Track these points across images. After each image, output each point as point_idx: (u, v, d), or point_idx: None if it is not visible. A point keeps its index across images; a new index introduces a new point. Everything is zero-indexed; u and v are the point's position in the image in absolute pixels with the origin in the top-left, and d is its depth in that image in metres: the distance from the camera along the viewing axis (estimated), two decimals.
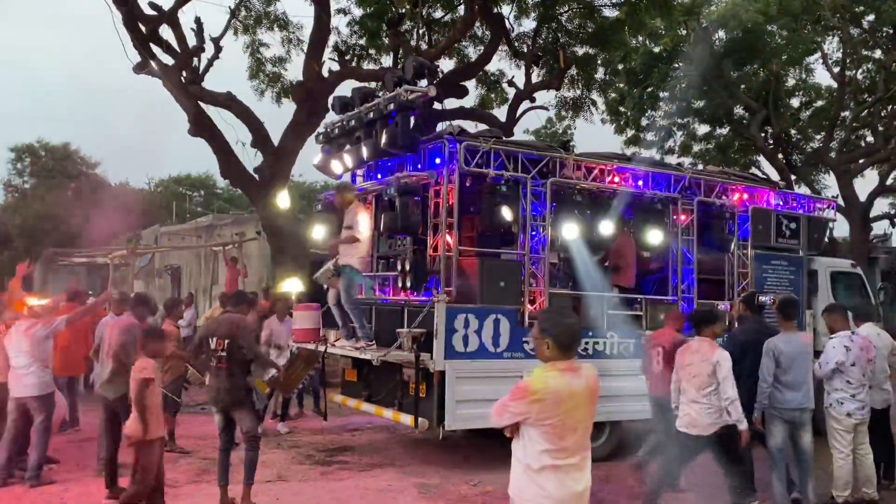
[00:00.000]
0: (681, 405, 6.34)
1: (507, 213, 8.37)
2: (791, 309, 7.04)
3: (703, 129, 24.74)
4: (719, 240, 9.95)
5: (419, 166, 8.62)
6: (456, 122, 12.58)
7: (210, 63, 13.93)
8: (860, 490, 6.99)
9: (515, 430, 3.55)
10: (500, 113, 17.10)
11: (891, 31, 20.05)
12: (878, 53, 20.92)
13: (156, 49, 12.93)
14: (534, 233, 8.57)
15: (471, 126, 13.17)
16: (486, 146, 8.19)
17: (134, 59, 12.59)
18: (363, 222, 8.27)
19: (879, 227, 23.57)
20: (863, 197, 20.85)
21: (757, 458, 7.04)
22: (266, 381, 6.95)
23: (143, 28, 12.60)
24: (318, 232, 9.93)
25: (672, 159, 22.11)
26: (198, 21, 13.57)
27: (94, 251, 24.05)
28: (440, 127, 10.63)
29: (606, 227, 9.11)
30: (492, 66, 17.42)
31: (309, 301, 9.75)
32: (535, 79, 16.63)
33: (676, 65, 22.17)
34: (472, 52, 17.24)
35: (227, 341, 6.41)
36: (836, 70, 21.13)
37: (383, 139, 8.12)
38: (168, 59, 13.09)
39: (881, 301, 15.58)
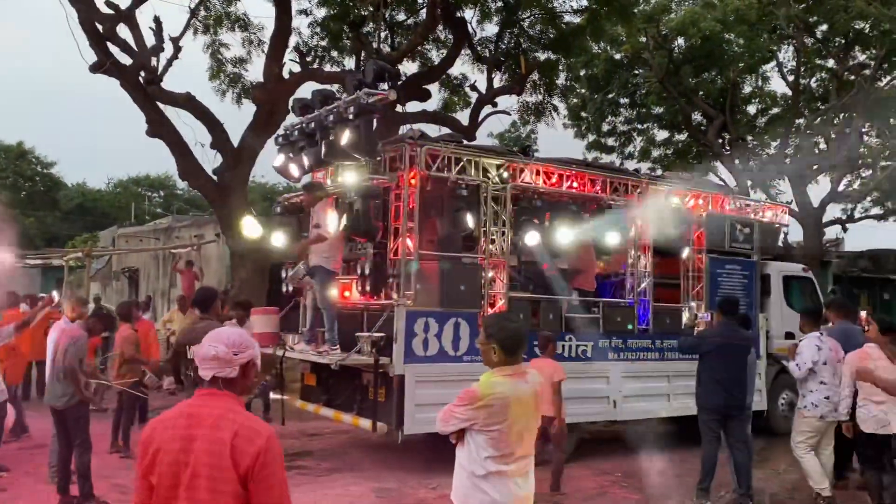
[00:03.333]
0: (863, 407, 6.60)
1: (467, 217, 8.43)
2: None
3: (662, 134, 25.18)
4: (675, 245, 10.14)
5: (380, 169, 8.62)
6: (418, 126, 12.62)
7: (169, 63, 13.71)
8: (825, 477, 7.15)
9: (460, 437, 3.55)
10: (463, 117, 17.18)
11: (843, 41, 20.61)
12: (831, 63, 21.48)
13: (114, 48, 12.70)
14: (494, 237, 8.63)
15: (434, 129, 13.19)
16: (446, 150, 8.22)
17: (90, 58, 12.36)
18: (332, 222, 8.22)
19: (832, 233, 24.22)
20: (816, 203, 21.36)
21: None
22: None
23: (99, 27, 12.36)
24: (278, 236, 9.83)
25: (632, 164, 22.39)
26: (157, 21, 13.36)
27: (50, 253, 23.53)
28: (403, 131, 10.64)
29: (566, 232, 9.21)
30: (455, 70, 17.50)
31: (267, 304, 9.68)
32: (496, 83, 16.73)
33: (637, 71, 22.55)
34: (436, 56, 17.27)
35: None
36: (791, 78, 21.66)
37: (344, 142, 8.10)
38: (126, 59, 12.86)
39: None
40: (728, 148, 22.61)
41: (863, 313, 13.58)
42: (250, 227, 10.20)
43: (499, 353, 3.53)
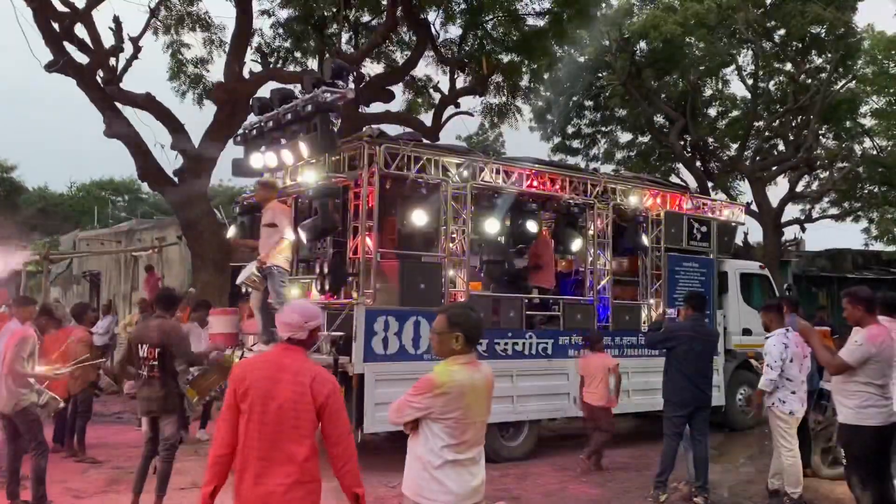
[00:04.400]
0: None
1: (427, 215, 8.45)
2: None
3: (625, 136, 25.47)
4: (633, 243, 10.26)
5: (338, 168, 8.60)
6: (379, 126, 12.61)
7: (129, 63, 13.53)
8: (801, 483, 6.97)
9: (414, 428, 3.58)
10: (428, 119, 17.19)
11: (800, 45, 21.06)
12: (788, 66, 21.93)
13: (70, 48, 12.51)
14: (454, 235, 8.66)
15: (397, 130, 13.19)
16: (405, 149, 8.23)
17: (43, 57, 12.16)
18: (286, 221, 8.16)
19: (790, 233, 24.68)
20: (775, 203, 21.78)
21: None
22: (187, 385, 6.79)
23: (55, 26, 12.16)
24: (236, 234, 9.77)
25: (596, 166, 22.61)
26: (116, 20, 13.19)
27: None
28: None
29: (525, 230, 9.28)
30: (420, 72, 17.54)
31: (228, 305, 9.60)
32: (459, 84, 16.79)
33: (600, 74, 22.78)
34: (400, 57, 17.28)
35: (158, 350, 6.24)
36: (750, 81, 22.08)
37: (301, 140, 8.06)
38: (83, 58, 12.67)
39: None
40: (689, 150, 22.95)
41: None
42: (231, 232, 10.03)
43: (461, 342, 3.56)
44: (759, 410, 7.18)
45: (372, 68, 16.67)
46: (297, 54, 16.92)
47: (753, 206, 21.02)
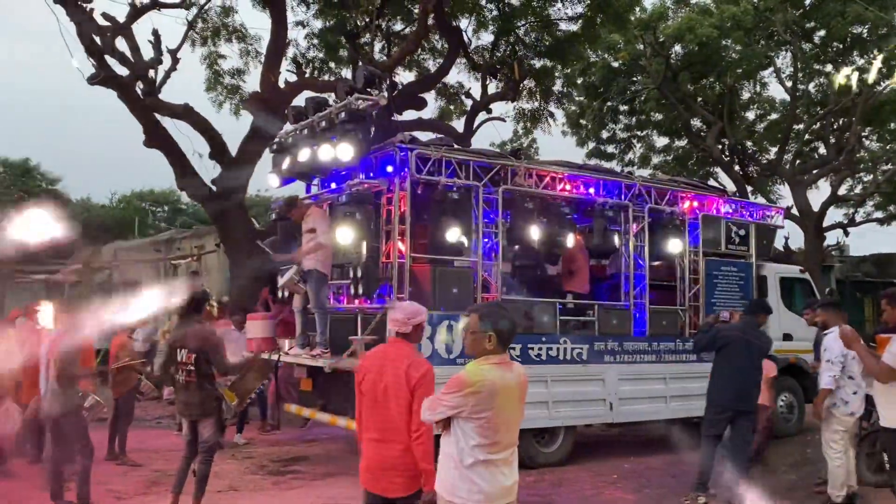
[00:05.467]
0: None
1: (459, 220, 8.45)
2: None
3: (661, 141, 25.19)
4: (670, 246, 10.12)
5: (371, 174, 8.65)
6: (412, 132, 12.66)
7: (167, 75, 13.84)
8: (845, 486, 6.87)
9: (447, 426, 3.58)
10: (460, 125, 17.22)
11: (841, 47, 20.63)
12: (829, 67, 21.50)
13: (112, 61, 12.84)
14: (486, 240, 8.64)
15: (430, 137, 13.24)
16: (436, 154, 8.26)
17: (86, 70, 12.50)
18: (324, 226, 8.25)
19: (832, 237, 24.14)
20: (816, 207, 21.32)
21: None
22: (226, 388, 6.88)
23: (97, 39, 12.49)
24: (276, 241, 9.86)
25: (631, 170, 22.36)
26: (155, 33, 13.50)
27: (54, 268, 23.59)
28: None
29: (558, 235, 9.22)
30: (451, 79, 17.60)
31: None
32: (491, 90, 16.80)
33: (635, 78, 22.59)
34: (432, 65, 17.37)
35: (195, 356, 6.35)
36: (789, 84, 21.67)
37: (335, 147, 8.14)
38: (123, 71, 12.99)
39: None
40: (727, 154, 22.60)
41: None
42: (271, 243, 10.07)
43: (493, 342, 3.56)
44: (822, 412, 6.89)
45: (404, 77, 16.81)
46: (332, 64, 17.12)
47: (794, 211, 20.62)
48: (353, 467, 8.56)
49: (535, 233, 9.09)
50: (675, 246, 10.13)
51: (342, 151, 8.06)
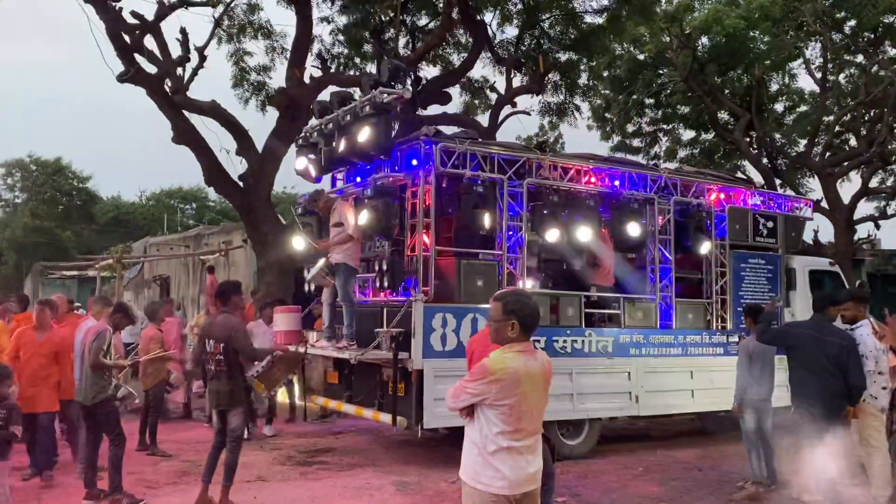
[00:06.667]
0: None
1: (483, 213, 8.46)
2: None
3: (688, 134, 24.90)
4: (696, 239, 10.04)
5: (396, 168, 8.71)
6: (436, 126, 12.69)
7: (195, 72, 14.00)
8: (889, 484, 6.55)
9: (471, 414, 3.61)
10: (485, 119, 17.20)
11: (872, 37, 20.24)
12: (859, 58, 21.10)
13: (140, 59, 13.01)
14: (511, 233, 8.65)
15: (454, 131, 13.25)
16: (461, 147, 8.28)
17: (115, 68, 12.68)
18: (352, 218, 8.32)
19: (863, 230, 23.67)
20: (846, 200, 20.95)
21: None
22: (251, 378, 6.98)
23: (126, 38, 12.68)
24: (298, 241, 9.88)
25: (657, 163, 22.14)
26: (183, 31, 13.67)
27: (84, 263, 24.06)
28: None
29: (583, 227, 9.19)
30: (476, 74, 17.57)
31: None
32: (516, 84, 16.75)
33: (661, 71, 22.36)
34: (456, 60, 17.36)
35: (222, 345, 6.46)
36: (819, 75, 21.31)
37: (360, 141, 8.20)
38: (152, 69, 13.17)
39: None
40: (755, 146, 22.29)
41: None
42: (297, 241, 10.03)
43: (516, 330, 3.58)
44: (858, 411, 6.39)
45: (429, 71, 16.81)
46: (356, 60, 17.18)
47: (824, 203, 20.29)
48: (379, 458, 8.69)
49: (559, 226, 9.07)
50: (701, 238, 10.04)
51: (367, 146, 8.12)
